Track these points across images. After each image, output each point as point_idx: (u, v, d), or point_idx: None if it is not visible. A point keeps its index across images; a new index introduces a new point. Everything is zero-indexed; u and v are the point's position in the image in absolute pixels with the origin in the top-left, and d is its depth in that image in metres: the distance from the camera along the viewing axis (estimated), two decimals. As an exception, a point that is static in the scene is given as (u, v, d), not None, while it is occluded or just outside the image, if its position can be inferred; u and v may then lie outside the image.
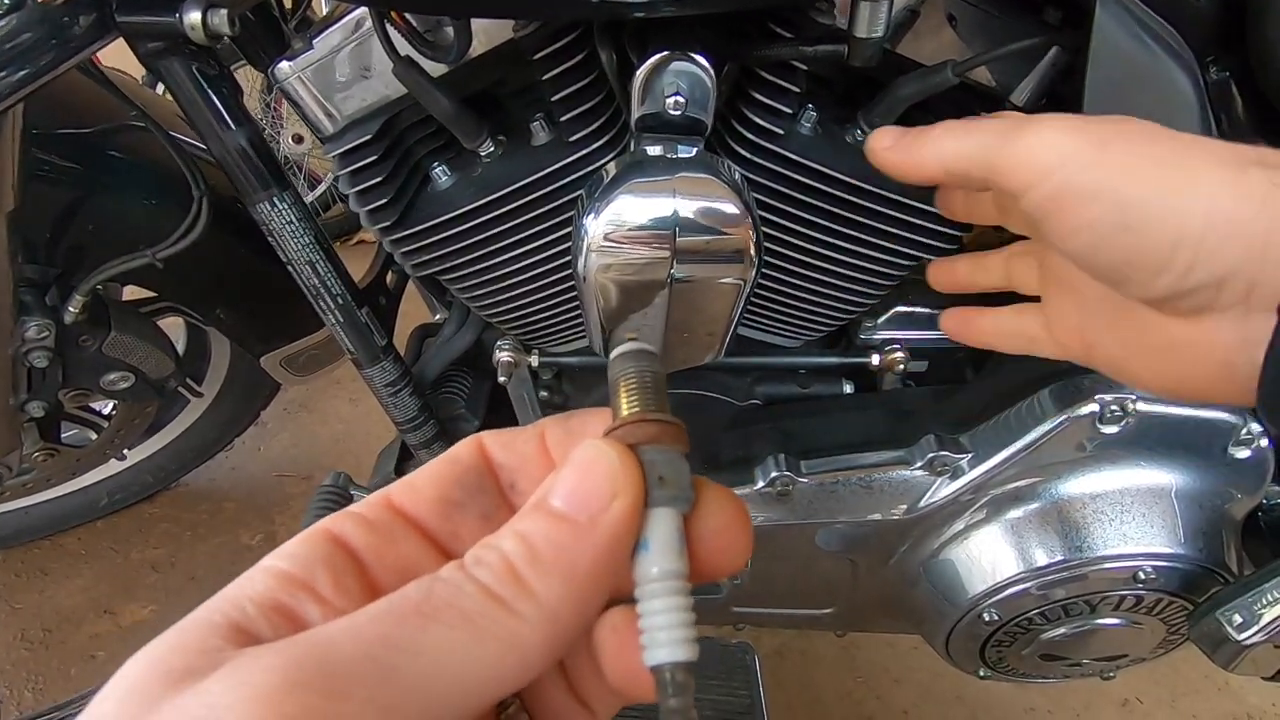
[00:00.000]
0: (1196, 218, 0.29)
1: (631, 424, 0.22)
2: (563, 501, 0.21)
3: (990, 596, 0.73)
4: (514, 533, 0.20)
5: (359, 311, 0.69)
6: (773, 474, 0.70)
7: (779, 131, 0.57)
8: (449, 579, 0.20)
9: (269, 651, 0.18)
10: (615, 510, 0.20)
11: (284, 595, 0.20)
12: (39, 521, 1.35)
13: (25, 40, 0.55)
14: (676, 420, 0.22)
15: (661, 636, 0.20)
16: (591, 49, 0.55)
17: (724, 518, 0.22)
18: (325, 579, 0.21)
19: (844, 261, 0.65)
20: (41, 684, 1.20)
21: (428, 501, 0.24)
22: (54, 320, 0.90)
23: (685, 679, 0.20)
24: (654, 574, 0.21)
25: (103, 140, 0.91)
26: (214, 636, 0.19)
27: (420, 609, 0.19)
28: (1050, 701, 1.16)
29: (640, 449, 0.22)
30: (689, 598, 0.21)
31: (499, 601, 0.19)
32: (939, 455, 0.68)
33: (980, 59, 0.51)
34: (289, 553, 0.21)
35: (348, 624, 0.18)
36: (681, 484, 0.21)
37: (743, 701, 0.85)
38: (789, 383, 0.81)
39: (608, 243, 0.50)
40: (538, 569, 0.20)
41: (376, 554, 0.22)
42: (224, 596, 0.20)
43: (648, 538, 0.21)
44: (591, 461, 0.21)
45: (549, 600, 0.19)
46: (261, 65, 0.63)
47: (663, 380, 0.24)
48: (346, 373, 0.95)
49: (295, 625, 0.20)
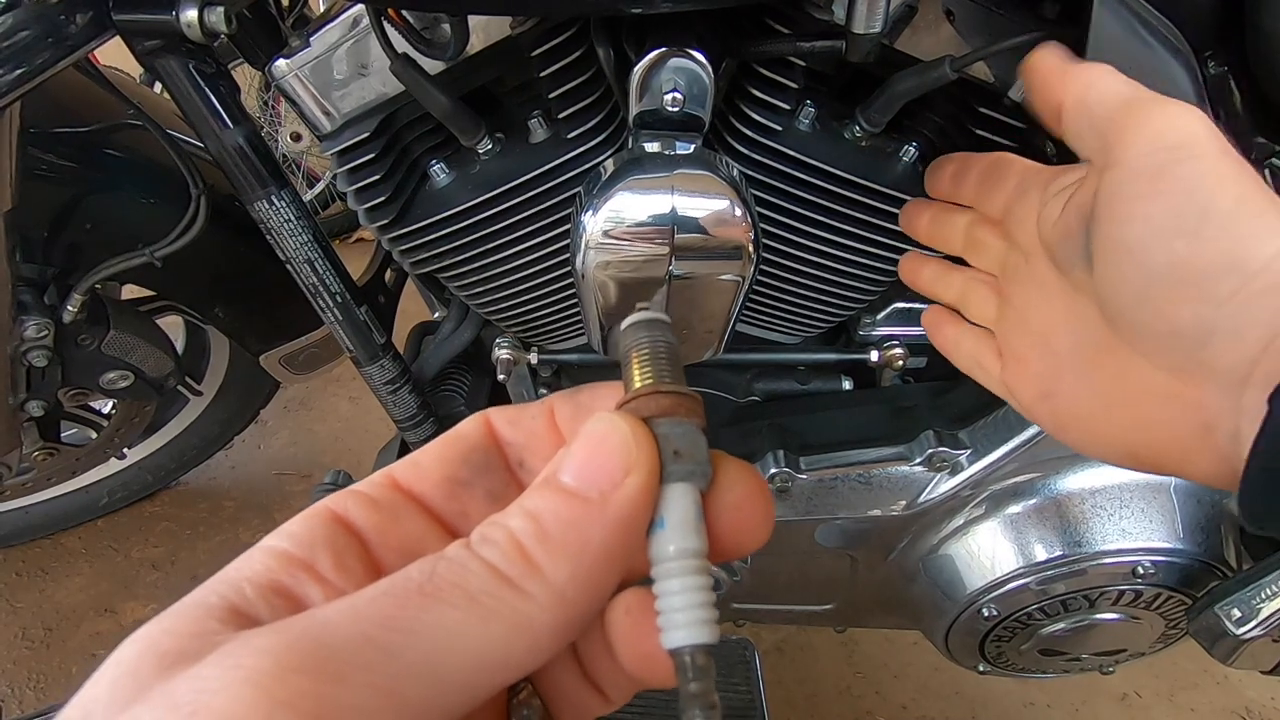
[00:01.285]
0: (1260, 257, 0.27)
1: (645, 396, 0.21)
2: (573, 477, 0.20)
3: (989, 592, 0.73)
4: (522, 510, 0.20)
5: (358, 309, 0.69)
6: (772, 470, 0.70)
7: (777, 128, 0.57)
8: (454, 558, 0.19)
9: (264, 633, 0.17)
10: (628, 486, 0.19)
11: (284, 576, 0.19)
12: (39, 520, 1.35)
13: (21, 38, 0.55)
14: (693, 392, 0.21)
15: (680, 618, 0.19)
16: (589, 46, 0.55)
17: (743, 492, 0.21)
18: (326, 559, 0.20)
19: (842, 258, 0.65)
20: (43, 682, 1.21)
21: (433, 480, 0.23)
22: (53, 319, 0.90)
23: (706, 662, 0.19)
24: (671, 553, 0.20)
25: (100, 139, 0.90)
26: (210, 619, 0.18)
27: (423, 589, 0.18)
28: (1049, 696, 1.16)
29: (654, 422, 0.20)
30: (708, 577, 0.20)
31: (506, 581, 0.18)
32: (938, 451, 0.68)
33: (978, 54, 0.51)
34: (290, 532, 0.21)
35: (346, 605, 0.18)
36: (698, 458, 0.20)
37: (743, 697, 0.86)
38: (788, 379, 0.81)
39: (606, 239, 0.50)
40: (547, 547, 0.19)
41: (380, 533, 0.21)
42: (221, 578, 0.19)
43: (664, 515, 0.20)
44: (603, 435, 0.20)
45: (558, 580, 0.19)
46: (259, 63, 0.63)
47: (677, 350, 0.23)
48: (346, 371, 0.95)
49: (295, 607, 0.19)
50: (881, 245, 0.64)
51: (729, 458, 0.22)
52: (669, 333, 0.23)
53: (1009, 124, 0.57)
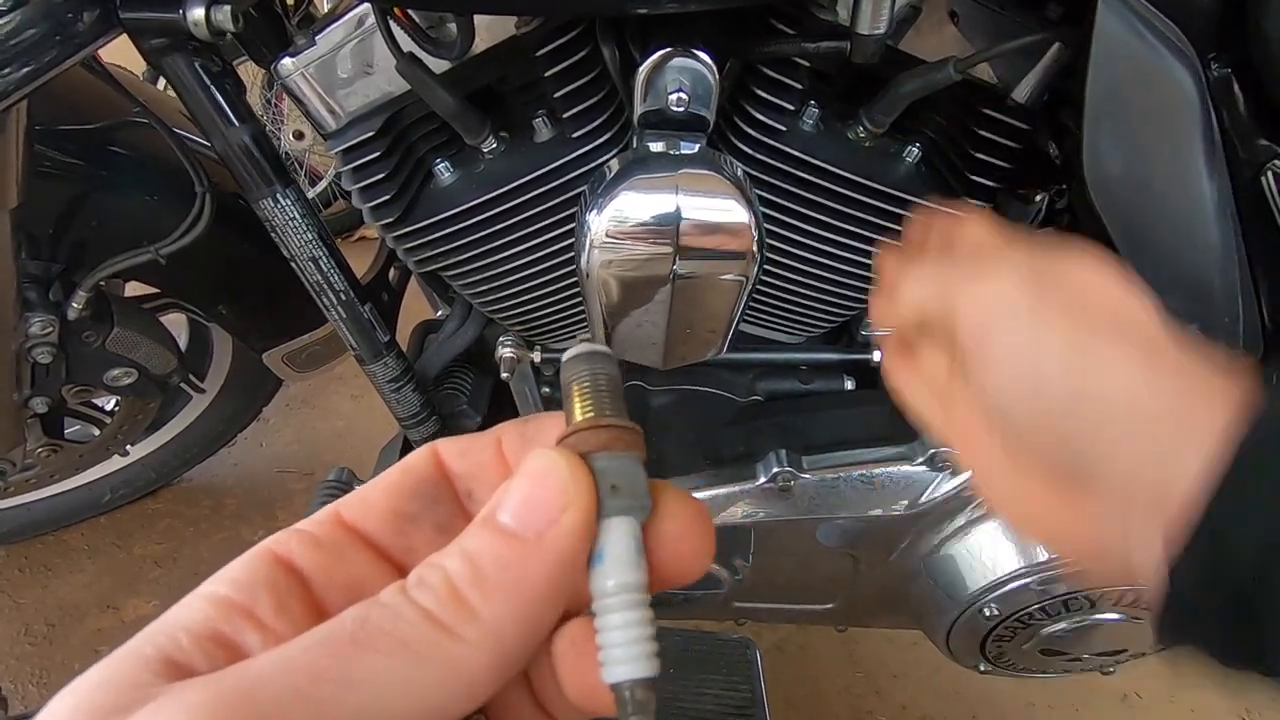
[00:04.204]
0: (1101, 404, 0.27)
1: (584, 431, 0.21)
2: (510, 516, 0.20)
3: (991, 592, 0.73)
4: (460, 551, 0.20)
5: (362, 307, 0.69)
6: (774, 470, 0.70)
7: (781, 128, 0.57)
8: (388, 604, 0.19)
9: (195, 687, 0.17)
10: (564, 524, 0.19)
11: (222, 624, 0.19)
12: (42, 517, 1.36)
13: (29, 37, 0.55)
14: (631, 424, 0.21)
15: (618, 654, 0.19)
16: (594, 46, 0.55)
17: (683, 523, 0.21)
18: (267, 603, 0.20)
19: (846, 258, 0.65)
20: (46, 679, 1.21)
21: (379, 515, 0.23)
22: (57, 316, 0.90)
23: (646, 696, 0.19)
24: (610, 587, 0.20)
25: (106, 136, 0.91)
26: (145, 670, 0.18)
27: (355, 638, 0.18)
28: (1050, 696, 1.16)
29: (592, 457, 0.21)
30: (649, 610, 0.20)
31: (440, 626, 0.18)
32: (940, 451, 0.69)
33: (982, 55, 0.51)
34: (230, 577, 0.20)
35: (279, 656, 0.18)
36: (636, 491, 0.21)
37: (743, 696, 0.86)
38: (790, 379, 0.81)
39: (610, 239, 0.50)
40: (482, 590, 0.19)
41: (324, 573, 0.21)
42: (158, 628, 0.19)
43: (603, 549, 0.20)
44: (541, 473, 0.20)
45: (493, 622, 0.19)
46: (264, 61, 0.63)
47: (618, 383, 0.23)
48: (349, 369, 0.95)
49: (233, 655, 0.19)
50: (884, 245, 0.64)
51: (669, 488, 0.22)
52: (611, 365, 0.23)
53: (1012, 125, 0.58)
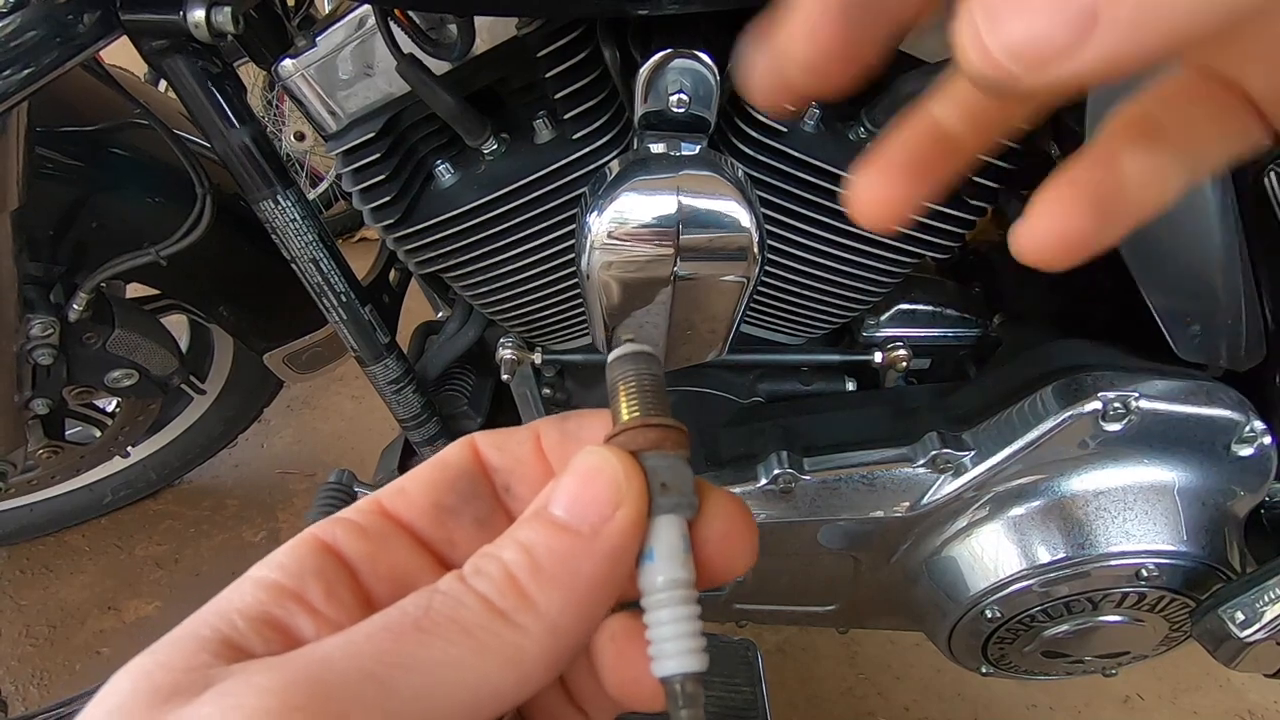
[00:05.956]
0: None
1: (633, 429, 0.22)
2: (565, 511, 0.20)
3: (993, 594, 0.73)
4: (515, 542, 0.20)
5: (362, 309, 0.69)
6: (775, 471, 0.70)
7: (782, 129, 0.57)
8: (448, 591, 0.19)
9: (262, 670, 0.17)
10: (619, 520, 0.20)
11: (275, 607, 0.19)
12: (43, 518, 1.36)
13: (29, 39, 0.55)
14: (679, 424, 0.22)
15: (670, 648, 0.20)
16: (595, 47, 0.55)
17: (728, 522, 0.22)
18: (317, 589, 0.20)
19: (847, 259, 0.65)
20: (46, 680, 1.21)
21: (420, 507, 0.23)
22: (58, 318, 0.90)
23: (695, 690, 0.20)
24: (660, 584, 0.20)
25: (106, 138, 0.91)
26: (203, 652, 0.18)
27: (419, 624, 0.18)
28: (1052, 698, 1.16)
29: (642, 455, 0.21)
30: (696, 606, 0.20)
31: (500, 614, 0.19)
32: (941, 453, 0.68)
33: (983, 56, 0.51)
34: (279, 562, 0.21)
35: (344, 640, 0.18)
36: (685, 490, 0.21)
37: (745, 698, 0.86)
38: (791, 380, 0.81)
39: (611, 240, 0.50)
40: (539, 580, 0.19)
41: (369, 561, 0.21)
42: (212, 609, 0.19)
43: (652, 546, 0.20)
44: (594, 470, 0.20)
45: (550, 612, 0.19)
46: (265, 63, 0.63)
47: (662, 383, 0.23)
48: (349, 370, 0.95)
49: (287, 638, 0.19)
50: (885, 246, 0.64)
51: (714, 488, 0.22)
52: (655, 365, 0.24)
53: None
